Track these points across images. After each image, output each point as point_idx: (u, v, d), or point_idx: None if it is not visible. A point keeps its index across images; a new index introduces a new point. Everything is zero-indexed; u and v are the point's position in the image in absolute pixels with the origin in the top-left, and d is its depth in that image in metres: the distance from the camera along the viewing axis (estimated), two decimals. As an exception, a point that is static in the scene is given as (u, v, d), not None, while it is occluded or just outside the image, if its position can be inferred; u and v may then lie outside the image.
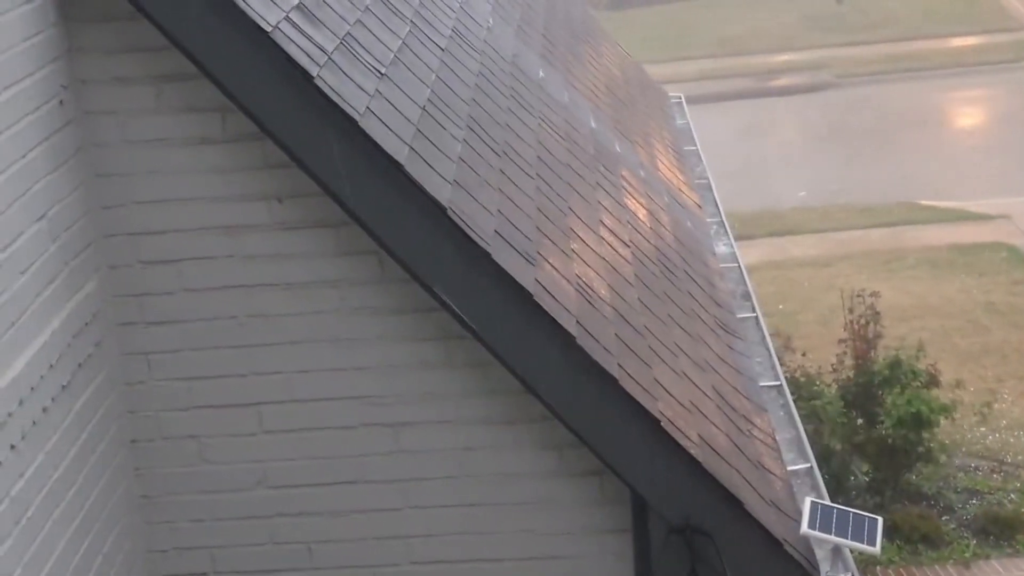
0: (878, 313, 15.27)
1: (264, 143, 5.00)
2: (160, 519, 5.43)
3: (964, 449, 15.64)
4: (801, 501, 5.65)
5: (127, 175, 5.11)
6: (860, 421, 14.63)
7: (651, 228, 7.61)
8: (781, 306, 19.97)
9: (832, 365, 15.15)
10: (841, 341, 15.34)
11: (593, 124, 8.68)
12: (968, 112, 32.81)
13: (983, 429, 16.01)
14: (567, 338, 4.99)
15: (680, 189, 9.54)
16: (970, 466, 15.35)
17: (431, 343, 5.26)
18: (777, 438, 6.36)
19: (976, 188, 25.93)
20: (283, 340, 5.24)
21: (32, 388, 4.50)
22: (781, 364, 14.66)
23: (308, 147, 4.90)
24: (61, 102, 4.87)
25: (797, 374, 14.75)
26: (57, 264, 4.78)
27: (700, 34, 39.61)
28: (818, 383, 14.76)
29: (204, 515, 5.43)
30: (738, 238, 23.11)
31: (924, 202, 25.41)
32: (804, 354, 15.29)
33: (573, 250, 5.94)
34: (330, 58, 5.15)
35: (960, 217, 24.28)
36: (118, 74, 5.02)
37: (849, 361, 15.12)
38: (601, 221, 6.82)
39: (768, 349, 7.38)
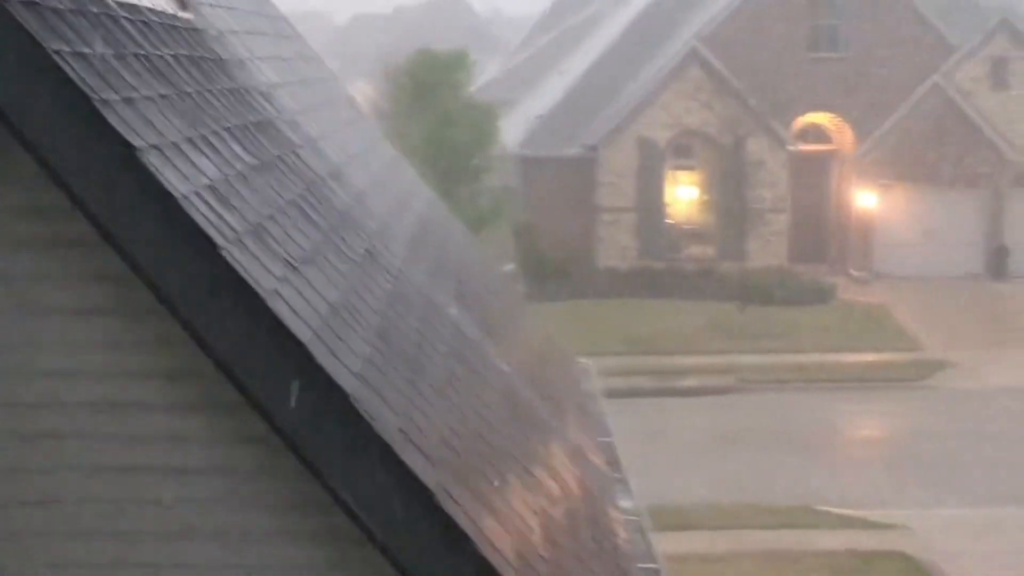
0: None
1: (162, 316, 4.75)
2: None
3: None
4: None
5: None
6: None
7: (557, 471, 7.38)
8: (678, 601, 19.51)
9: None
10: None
11: (504, 368, 8.52)
12: (867, 425, 33.16)
13: None
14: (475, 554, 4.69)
15: (586, 447, 9.35)
16: None
17: (323, 542, 4.92)
18: None
19: (875, 498, 25.94)
20: (165, 529, 4.88)
21: None
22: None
23: (211, 324, 4.67)
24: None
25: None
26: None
27: (605, 332, 40.05)
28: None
29: None
30: (636, 529, 22.76)
31: (824, 508, 25.33)
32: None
33: (480, 471, 5.69)
34: (240, 238, 4.97)
35: (860, 525, 24.19)
36: (16, 235, 4.78)
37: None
38: (511, 455, 6.59)
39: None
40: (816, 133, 49.28)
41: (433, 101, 39.45)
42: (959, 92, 46.76)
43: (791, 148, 46.93)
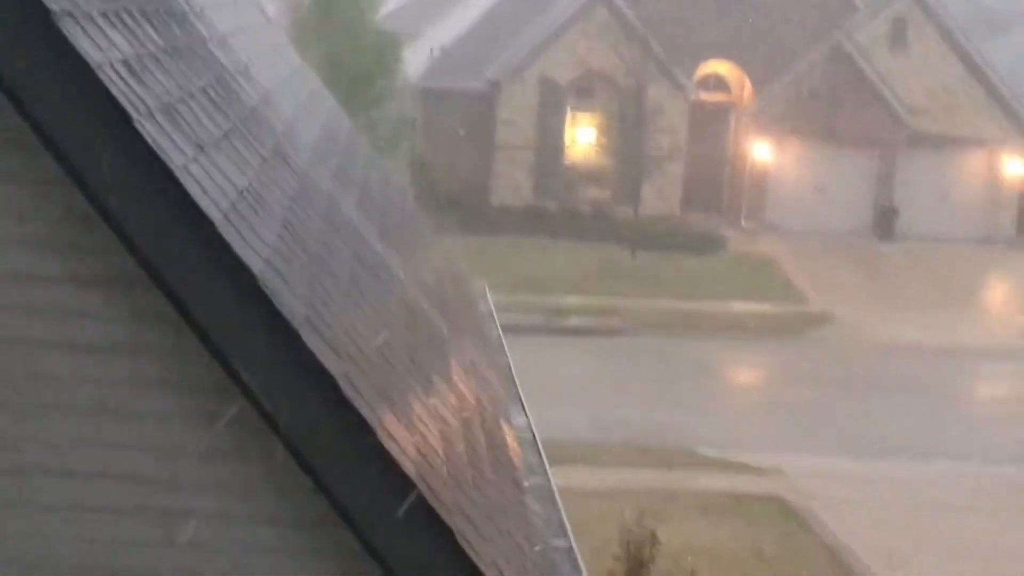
0: (656, 538, 15.16)
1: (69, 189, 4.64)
2: None
3: None
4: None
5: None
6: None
7: (456, 384, 7.38)
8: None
9: (603, 588, 14.91)
10: (616, 558, 15.13)
11: (405, 280, 8.49)
12: (748, 373, 33.66)
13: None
14: (378, 451, 4.67)
15: (486, 367, 9.36)
16: None
17: (223, 428, 4.86)
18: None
19: (752, 443, 26.35)
20: (60, 404, 4.79)
21: None
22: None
23: (119, 196, 4.57)
24: None
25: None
26: None
27: (496, 268, 40.12)
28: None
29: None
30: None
31: (702, 450, 25.67)
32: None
33: (380, 367, 5.66)
34: (151, 113, 4.87)
35: (737, 469, 24.56)
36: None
37: (621, 583, 14.91)
38: (409, 355, 6.57)
39: (560, 509, 7.13)
40: (717, 83, 49.59)
41: (338, 22, 38.98)
42: (859, 51, 47.24)
43: (691, 97, 47.15)
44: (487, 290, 12.87)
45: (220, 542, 4.87)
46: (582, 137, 48.24)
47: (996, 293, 43.47)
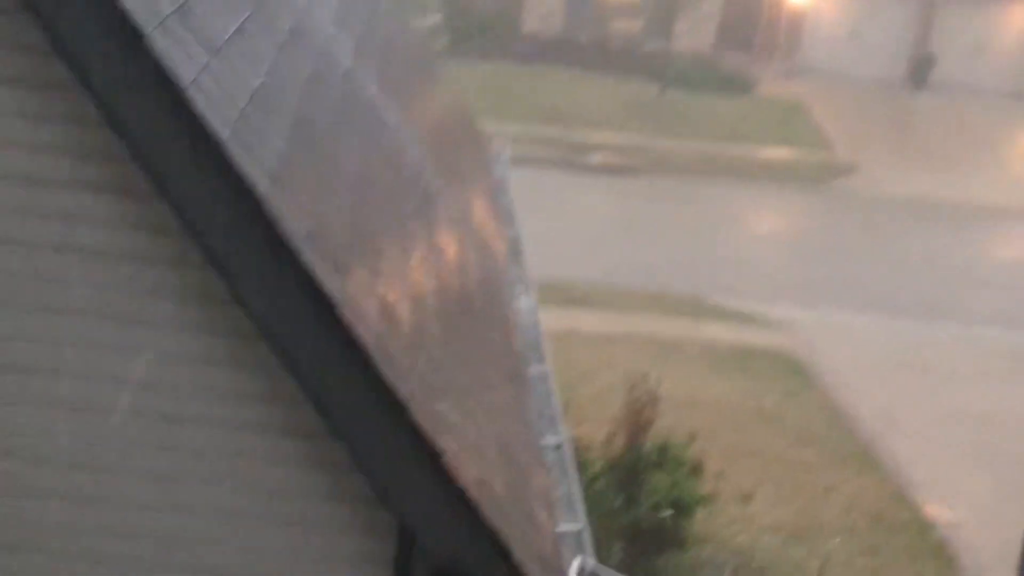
0: (656, 398, 15.35)
1: (82, 96, 4.68)
2: None
3: (715, 544, 15.78)
4: (568, 560, 5.51)
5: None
6: (619, 502, 14.64)
7: (458, 267, 7.45)
8: (557, 376, 19.97)
9: (601, 441, 15.15)
10: (616, 421, 15.37)
11: (416, 153, 8.51)
12: (766, 221, 33.57)
13: (736, 526, 16.20)
14: (363, 355, 4.77)
15: (490, 237, 9.42)
16: (718, 560, 15.48)
17: (219, 337, 4.98)
18: (552, 496, 6.23)
19: (767, 294, 26.41)
20: (59, 306, 4.90)
21: None
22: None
23: (129, 109, 4.61)
24: None
25: (567, 444, 14.69)
26: None
27: (521, 99, 39.86)
28: (585, 456, 14.72)
29: (-62, 477, 5.04)
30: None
31: (714, 300, 25.77)
32: (575, 427, 15.26)
33: (381, 269, 5.74)
34: (164, 22, 4.87)
35: (746, 320, 24.69)
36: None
37: (620, 440, 15.14)
38: (412, 249, 6.64)
39: (553, 407, 7.26)
40: (759, -83, 48.59)
41: None
42: None
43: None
44: (506, 149, 12.81)
45: (209, 446, 5.02)
46: (618, -35, 47.49)
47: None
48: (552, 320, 23.07)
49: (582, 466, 14.52)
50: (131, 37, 4.54)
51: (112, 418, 4.96)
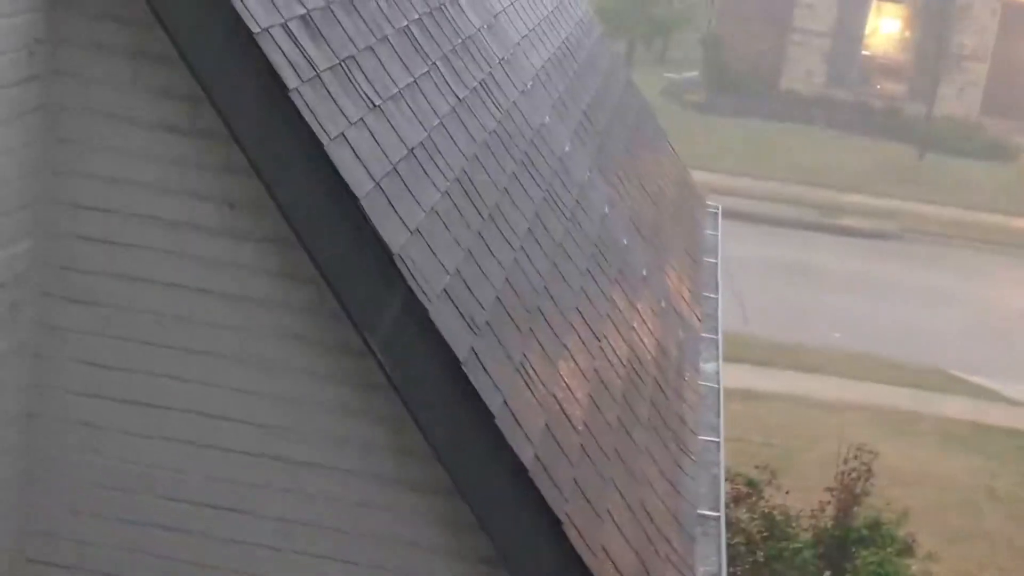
0: (870, 471, 14.93)
1: (230, 146, 4.81)
2: (38, 501, 5.22)
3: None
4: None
5: (84, 145, 4.95)
6: (828, 574, 14.27)
7: (632, 327, 7.37)
8: (781, 440, 19.61)
9: (812, 511, 14.80)
10: (828, 490, 15.00)
11: (606, 210, 8.48)
12: (1022, 296, 32.40)
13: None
14: (486, 414, 4.77)
15: (682, 297, 9.31)
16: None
17: (353, 387, 5.04)
18: (697, 572, 6.09)
19: (1014, 371, 25.44)
20: (203, 349, 5.04)
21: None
22: (760, 498, 14.44)
23: (271, 161, 4.72)
24: (31, 53, 4.72)
25: (775, 512, 14.40)
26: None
27: (778, 157, 39.45)
28: (794, 525, 14.41)
29: (83, 507, 5.21)
30: (760, 363, 22.65)
31: (955, 372, 24.97)
32: (788, 492, 14.94)
33: (530, 330, 5.72)
34: (318, 75, 4.97)
35: (988, 396, 23.84)
36: (97, 40, 4.86)
37: (831, 512, 14.78)
38: (577, 308, 6.60)
39: (719, 478, 7.11)
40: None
41: None
42: None
43: (1003, -3, 45.04)
44: (719, 208, 12.68)
45: (336, 495, 5.08)
46: (884, 28, 46.66)
47: None
48: (783, 383, 22.80)
49: (789, 536, 14.22)
50: (277, 90, 4.64)
51: (243, 459, 5.07)
